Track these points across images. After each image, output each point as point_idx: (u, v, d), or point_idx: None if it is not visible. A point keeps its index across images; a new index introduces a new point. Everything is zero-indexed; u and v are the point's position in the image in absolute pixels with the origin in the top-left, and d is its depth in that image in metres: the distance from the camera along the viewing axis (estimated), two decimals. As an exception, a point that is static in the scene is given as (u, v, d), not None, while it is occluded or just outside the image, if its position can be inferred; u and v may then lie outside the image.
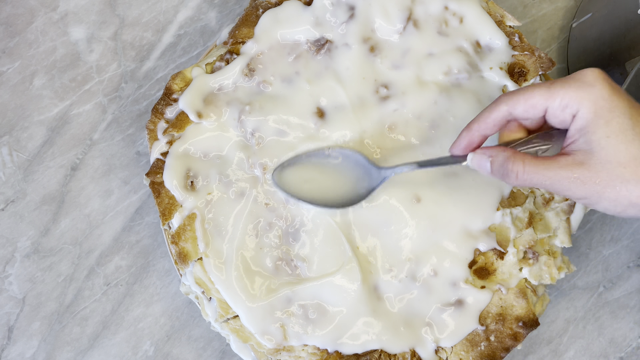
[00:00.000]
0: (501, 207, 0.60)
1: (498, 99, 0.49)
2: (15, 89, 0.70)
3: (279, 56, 0.62)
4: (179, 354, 0.67)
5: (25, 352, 0.67)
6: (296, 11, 0.62)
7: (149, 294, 0.68)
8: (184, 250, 0.60)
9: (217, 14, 0.72)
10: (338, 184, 0.60)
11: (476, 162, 0.51)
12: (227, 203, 0.60)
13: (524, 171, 0.47)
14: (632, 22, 0.62)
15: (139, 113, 0.70)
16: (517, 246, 0.59)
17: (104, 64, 0.71)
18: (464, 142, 0.52)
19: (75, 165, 0.69)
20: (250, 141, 0.61)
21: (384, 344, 0.58)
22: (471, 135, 0.51)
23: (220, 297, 0.59)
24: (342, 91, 0.61)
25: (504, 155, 0.48)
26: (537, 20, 0.73)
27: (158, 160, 0.61)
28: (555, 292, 0.69)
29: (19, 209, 0.69)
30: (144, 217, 0.69)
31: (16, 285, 0.68)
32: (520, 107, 0.48)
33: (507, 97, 0.48)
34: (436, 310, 0.58)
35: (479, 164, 0.50)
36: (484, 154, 0.50)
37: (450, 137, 0.61)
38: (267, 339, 0.58)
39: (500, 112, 0.49)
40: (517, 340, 0.58)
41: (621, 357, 0.68)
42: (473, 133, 0.51)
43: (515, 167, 0.47)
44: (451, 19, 0.62)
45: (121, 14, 0.72)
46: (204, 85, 0.61)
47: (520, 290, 0.58)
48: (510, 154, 0.48)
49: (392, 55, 0.62)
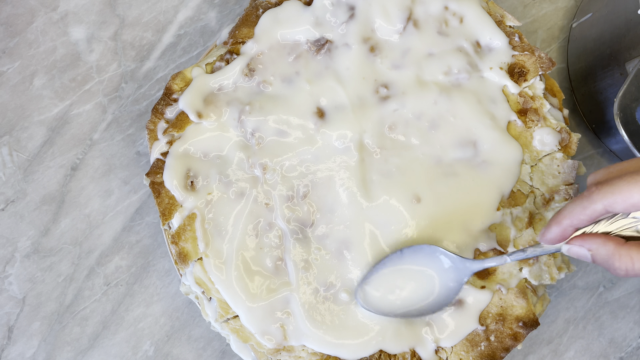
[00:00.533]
0: (501, 207, 0.60)
1: (591, 193, 0.44)
2: (15, 89, 0.70)
3: (279, 56, 0.62)
4: (179, 354, 0.67)
5: (25, 352, 0.67)
6: (296, 11, 0.62)
7: (149, 294, 0.68)
8: (184, 250, 0.60)
9: (217, 14, 0.72)
10: (421, 284, 0.57)
11: (574, 252, 0.48)
12: (227, 203, 0.60)
13: (634, 268, 0.44)
14: (632, 22, 0.62)
15: (139, 113, 0.70)
16: (517, 246, 0.59)
17: (104, 64, 0.71)
18: (555, 235, 0.48)
19: (75, 165, 0.69)
20: (250, 141, 0.61)
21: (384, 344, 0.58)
22: (563, 229, 0.47)
23: (220, 297, 0.59)
24: (342, 91, 0.61)
25: (607, 251, 0.45)
26: (537, 20, 0.73)
27: (158, 160, 0.61)
28: (555, 292, 0.69)
29: (19, 209, 0.69)
30: (144, 217, 0.69)
31: (16, 285, 0.68)
32: (619, 206, 0.43)
33: (603, 194, 0.44)
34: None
35: (577, 254, 0.48)
36: (582, 247, 0.47)
37: (450, 137, 0.61)
38: (267, 339, 0.58)
39: (597, 211, 0.44)
40: (517, 340, 0.58)
41: (621, 357, 0.68)
42: (565, 228, 0.47)
43: (623, 265, 0.44)
44: (451, 19, 0.62)
45: (121, 14, 0.72)
46: (204, 85, 0.61)
47: (520, 290, 0.58)
48: (613, 250, 0.45)
49: (392, 55, 0.62)
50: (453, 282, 0.56)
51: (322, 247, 0.60)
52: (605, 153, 0.71)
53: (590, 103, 0.68)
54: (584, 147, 0.71)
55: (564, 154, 0.61)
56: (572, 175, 0.60)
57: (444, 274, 0.56)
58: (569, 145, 0.61)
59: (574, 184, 0.61)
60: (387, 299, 0.57)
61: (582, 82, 0.69)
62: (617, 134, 0.66)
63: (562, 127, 0.61)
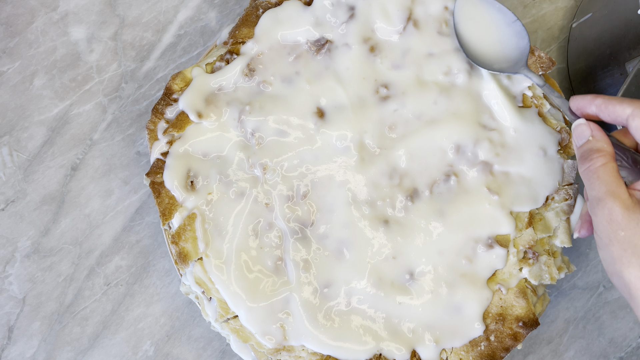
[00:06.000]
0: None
1: (622, 100, 0.48)
2: (16, 89, 0.70)
3: (279, 56, 0.62)
4: (179, 354, 0.67)
5: (25, 352, 0.67)
6: (296, 11, 0.62)
7: (149, 294, 0.68)
8: (184, 250, 0.60)
9: (217, 14, 0.72)
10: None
11: (579, 130, 0.50)
12: (227, 203, 0.60)
13: (591, 174, 0.47)
14: (632, 22, 0.62)
15: (139, 113, 0.70)
16: (517, 246, 0.59)
17: (104, 64, 0.71)
18: (583, 103, 0.51)
19: (76, 165, 0.70)
20: (250, 141, 0.61)
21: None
22: (592, 104, 0.50)
23: (220, 297, 0.59)
24: (342, 91, 0.61)
25: (598, 148, 0.48)
26: (537, 20, 0.73)
27: (158, 160, 0.61)
28: (555, 292, 0.69)
29: (19, 209, 0.69)
30: (144, 217, 0.69)
31: (16, 285, 0.68)
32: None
33: (636, 106, 0.48)
34: (436, 311, 0.59)
35: (581, 132, 0.50)
36: (588, 128, 0.49)
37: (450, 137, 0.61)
38: (267, 338, 0.58)
39: (622, 115, 0.48)
40: (517, 340, 0.58)
41: (621, 357, 0.68)
42: (596, 105, 0.50)
43: (593, 165, 0.47)
44: (451, 19, 0.62)
45: (121, 14, 0.72)
46: (204, 85, 0.61)
47: (520, 290, 0.58)
48: (602, 153, 0.48)
49: (392, 55, 0.62)
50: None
51: (322, 247, 0.60)
52: (605, 153, 0.71)
53: (590, 103, 0.68)
54: (584, 147, 0.71)
55: (564, 153, 0.61)
56: (572, 175, 0.60)
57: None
58: (569, 145, 0.61)
59: (574, 184, 0.61)
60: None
61: (582, 82, 0.69)
62: (617, 134, 0.66)
63: (562, 127, 0.61)
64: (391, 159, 0.61)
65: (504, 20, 0.60)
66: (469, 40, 0.60)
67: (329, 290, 0.59)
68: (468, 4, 0.61)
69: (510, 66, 0.59)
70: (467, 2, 0.61)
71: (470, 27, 0.60)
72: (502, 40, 0.60)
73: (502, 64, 0.59)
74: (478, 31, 0.60)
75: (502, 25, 0.60)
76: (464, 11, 0.61)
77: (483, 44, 0.60)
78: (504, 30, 0.60)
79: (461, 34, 0.61)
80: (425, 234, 0.59)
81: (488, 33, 0.60)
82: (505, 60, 0.59)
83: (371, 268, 0.59)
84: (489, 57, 0.60)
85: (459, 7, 0.61)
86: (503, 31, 0.60)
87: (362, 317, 0.59)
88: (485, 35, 0.60)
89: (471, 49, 0.60)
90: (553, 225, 0.60)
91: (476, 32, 0.60)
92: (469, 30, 0.60)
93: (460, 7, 0.61)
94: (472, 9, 0.60)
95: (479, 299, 0.58)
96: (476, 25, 0.60)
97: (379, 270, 0.59)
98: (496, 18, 0.60)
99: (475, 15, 0.60)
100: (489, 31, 0.60)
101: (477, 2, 0.60)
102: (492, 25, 0.60)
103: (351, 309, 0.59)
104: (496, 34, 0.60)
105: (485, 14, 0.60)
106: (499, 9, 0.60)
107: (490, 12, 0.60)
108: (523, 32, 0.59)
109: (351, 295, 0.59)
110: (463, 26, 0.60)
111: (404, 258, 0.59)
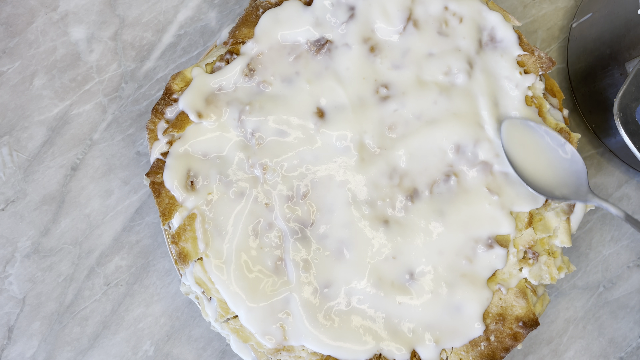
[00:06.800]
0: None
1: None
2: (16, 89, 0.70)
3: (279, 56, 0.62)
4: (179, 354, 0.67)
5: (25, 352, 0.67)
6: (296, 11, 0.62)
7: (149, 294, 0.68)
8: (184, 250, 0.60)
9: (217, 14, 0.72)
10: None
11: None
12: (227, 203, 0.60)
13: None
14: (632, 22, 0.62)
15: (139, 113, 0.70)
16: (517, 246, 0.59)
17: (104, 64, 0.71)
18: None
19: (76, 165, 0.70)
20: (250, 141, 0.61)
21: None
22: None
23: (220, 297, 0.59)
24: (342, 91, 0.62)
25: None
26: (537, 20, 0.73)
27: (158, 160, 0.61)
28: (555, 292, 0.69)
29: (19, 209, 0.69)
30: (144, 217, 0.69)
31: (16, 285, 0.68)
32: None
33: None
34: (436, 311, 0.59)
35: None
36: None
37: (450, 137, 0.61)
38: (267, 338, 0.58)
39: None
40: (517, 340, 0.58)
41: (621, 357, 0.68)
42: None
43: None
44: (451, 19, 0.62)
45: (121, 14, 0.72)
46: (204, 86, 0.62)
47: (520, 290, 0.58)
48: None
49: (392, 55, 0.62)
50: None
51: (322, 247, 0.60)
52: (605, 153, 0.71)
53: (590, 103, 0.68)
54: (584, 147, 0.71)
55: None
56: (572, 175, 0.60)
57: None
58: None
59: (574, 184, 0.61)
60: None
61: (582, 82, 0.69)
62: (617, 134, 0.66)
63: (562, 127, 0.61)
64: (391, 159, 0.61)
65: (553, 143, 0.58)
66: (522, 166, 0.58)
67: (329, 290, 0.59)
68: (514, 128, 0.58)
69: (572, 192, 0.57)
70: (513, 127, 0.58)
71: (522, 154, 0.58)
72: (555, 165, 0.58)
73: (562, 189, 0.57)
74: (530, 157, 0.58)
75: (551, 150, 0.58)
76: (512, 137, 0.58)
77: (537, 171, 0.58)
78: (554, 154, 0.58)
79: (514, 161, 0.58)
80: (425, 234, 0.59)
81: (539, 159, 0.58)
82: (564, 186, 0.57)
83: (371, 268, 0.59)
84: (547, 184, 0.58)
85: (505, 131, 0.58)
86: (554, 155, 0.58)
87: (362, 317, 0.59)
88: (537, 160, 0.58)
89: (527, 176, 0.58)
90: (553, 225, 0.60)
91: (528, 158, 0.58)
92: (520, 156, 0.58)
93: (506, 131, 0.58)
94: (518, 134, 0.58)
95: (479, 299, 0.58)
96: (525, 150, 0.58)
97: (379, 270, 0.59)
98: (544, 142, 0.58)
99: (523, 140, 0.58)
100: (540, 157, 0.58)
101: (521, 126, 0.58)
102: (542, 150, 0.58)
103: (351, 309, 0.59)
104: (548, 159, 0.58)
105: (533, 137, 0.58)
106: (546, 131, 0.58)
107: (537, 136, 0.58)
108: (575, 155, 0.57)
109: (351, 295, 0.59)
110: (514, 153, 0.58)
111: (404, 258, 0.59)
